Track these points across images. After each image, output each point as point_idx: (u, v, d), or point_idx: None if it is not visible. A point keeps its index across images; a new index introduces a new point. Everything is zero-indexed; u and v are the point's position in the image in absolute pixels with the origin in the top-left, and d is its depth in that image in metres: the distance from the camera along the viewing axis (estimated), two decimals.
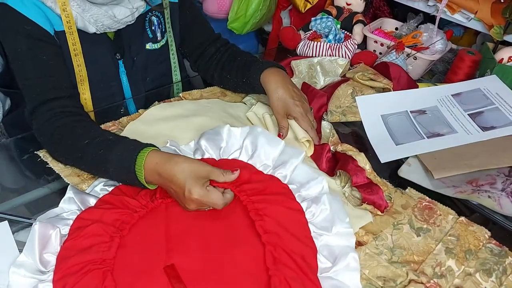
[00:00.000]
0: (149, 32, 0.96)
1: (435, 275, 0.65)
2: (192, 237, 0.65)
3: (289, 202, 0.70)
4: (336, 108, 1.00)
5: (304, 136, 0.86)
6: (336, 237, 0.67)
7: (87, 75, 0.88)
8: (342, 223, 0.68)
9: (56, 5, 0.80)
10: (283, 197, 0.70)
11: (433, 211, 0.75)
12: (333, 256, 0.65)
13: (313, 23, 1.25)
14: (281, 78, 0.89)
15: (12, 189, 0.76)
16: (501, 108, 0.96)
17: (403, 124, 0.95)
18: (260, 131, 0.79)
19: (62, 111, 0.78)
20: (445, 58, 1.24)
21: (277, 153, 0.77)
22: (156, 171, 0.67)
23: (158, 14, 0.96)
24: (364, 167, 0.79)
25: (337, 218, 0.68)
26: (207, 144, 0.79)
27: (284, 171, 0.75)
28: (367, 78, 1.05)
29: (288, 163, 0.76)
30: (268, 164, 0.76)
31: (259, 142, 0.77)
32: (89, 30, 0.84)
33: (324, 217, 0.69)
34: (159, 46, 0.99)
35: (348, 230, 0.68)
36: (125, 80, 0.96)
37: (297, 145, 0.87)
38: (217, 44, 1.03)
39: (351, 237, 0.67)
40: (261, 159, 0.76)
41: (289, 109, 0.87)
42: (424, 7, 1.22)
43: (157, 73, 1.02)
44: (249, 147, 0.78)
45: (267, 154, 0.76)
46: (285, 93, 0.87)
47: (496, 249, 0.69)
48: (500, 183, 0.79)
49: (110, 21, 0.84)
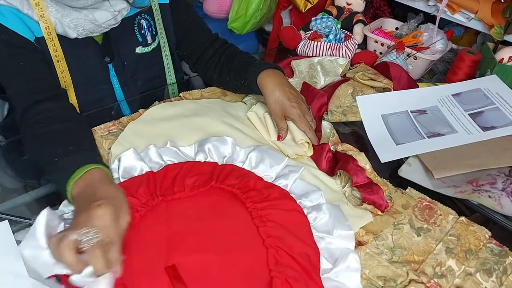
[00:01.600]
0: (139, 36, 0.95)
1: (436, 275, 0.65)
2: (193, 237, 0.65)
3: (291, 204, 0.70)
4: (337, 108, 0.99)
5: (302, 138, 0.86)
6: (337, 239, 0.67)
7: (71, 81, 0.87)
8: (343, 226, 0.68)
9: (33, 12, 0.78)
10: (286, 200, 0.70)
11: (433, 211, 0.75)
12: (334, 258, 0.65)
13: (314, 23, 1.25)
14: (278, 80, 0.88)
15: (12, 189, 0.76)
16: (502, 108, 0.96)
17: (404, 124, 0.95)
18: (265, 148, 0.80)
19: (45, 116, 0.76)
20: (446, 58, 1.24)
21: (281, 167, 0.77)
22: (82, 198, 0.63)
23: (147, 17, 0.95)
24: (364, 167, 0.79)
25: (337, 222, 0.69)
26: (212, 149, 0.79)
27: (285, 182, 0.75)
28: (367, 78, 1.05)
29: (289, 175, 0.76)
30: (271, 176, 0.76)
31: (264, 156, 0.78)
32: (69, 35, 0.83)
33: (325, 222, 0.69)
34: (150, 49, 0.97)
35: (349, 232, 0.68)
36: (116, 83, 0.95)
37: (296, 146, 0.87)
38: (215, 45, 1.02)
39: (352, 240, 0.68)
40: (264, 170, 0.77)
41: (286, 111, 0.87)
42: (425, 7, 1.22)
43: (149, 76, 1.01)
44: (253, 159, 0.78)
45: (271, 167, 0.77)
46: (282, 95, 0.87)
47: (496, 249, 0.69)
48: (500, 183, 0.79)
49: (91, 25, 0.82)
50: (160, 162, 0.78)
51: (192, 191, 0.71)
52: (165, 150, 0.80)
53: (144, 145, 0.81)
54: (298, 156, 0.86)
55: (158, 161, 0.78)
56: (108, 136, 0.86)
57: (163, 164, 0.77)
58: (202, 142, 0.82)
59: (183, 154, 0.81)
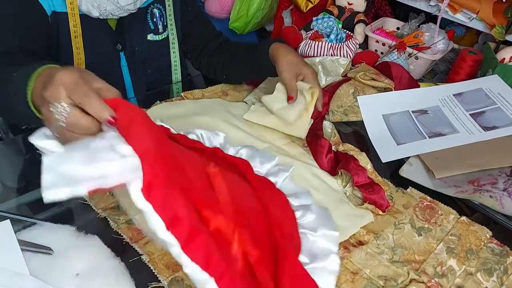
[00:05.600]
0: (151, 23, 0.97)
1: (436, 274, 0.65)
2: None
3: (282, 195, 0.70)
4: (338, 108, 1.00)
5: (311, 86, 0.87)
6: (320, 239, 0.65)
7: (84, 60, 0.88)
8: (329, 226, 0.67)
9: None
10: (276, 190, 0.71)
11: (434, 211, 0.75)
12: (312, 254, 0.62)
13: (315, 23, 1.25)
14: (290, 49, 0.91)
15: (14, 188, 0.76)
16: (503, 108, 0.95)
17: (405, 124, 0.95)
18: (256, 148, 0.79)
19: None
20: (447, 58, 1.24)
21: (271, 165, 0.76)
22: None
23: (159, 7, 0.98)
24: (365, 166, 0.79)
25: (323, 223, 0.67)
26: (205, 136, 0.77)
27: (274, 179, 0.73)
28: (368, 78, 1.05)
29: (279, 173, 0.74)
30: (261, 172, 0.75)
31: (255, 154, 0.77)
32: (92, 14, 0.84)
33: (312, 220, 0.67)
34: (161, 39, 1.00)
35: (333, 233, 0.66)
36: (126, 71, 0.97)
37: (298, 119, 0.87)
38: (218, 40, 1.04)
39: (335, 242, 0.65)
40: (254, 166, 0.74)
41: (300, 69, 0.88)
42: (426, 6, 1.22)
43: (158, 66, 1.02)
44: (244, 155, 0.77)
45: (262, 164, 0.75)
46: (296, 57, 0.89)
47: (497, 249, 0.69)
48: (501, 183, 0.79)
49: (112, 7, 0.84)
50: None
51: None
52: None
53: None
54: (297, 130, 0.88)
55: None
56: None
57: None
58: (193, 129, 0.78)
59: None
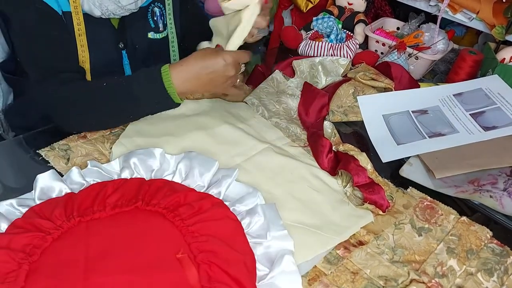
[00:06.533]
0: (151, 22, 0.98)
1: (437, 274, 0.65)
2: (114, 257, 0.60)
3: (224, 212, 0.67)
4: (338, 108, 1.00)
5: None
6: (272, 242, 0.65)
7: (89, 57, 0.89)
8: (277, 227, 0.66)
9: None
10: (218, 209, 0.67)
11: (434, 211, 0.75)
12: (270, 261, 0.62)
13: (315, 23, 1.25)
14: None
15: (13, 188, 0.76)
16: (503, 108, 0.95)
17: (405, 124, 0.95)
18: (194, 154, 0.77)
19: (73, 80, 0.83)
20: (447, 58, 1.24)
21: (211, 174, 0.74)
22: (186, 74, 0.77)
23: (160, 6, 0.99)
24: (365, 166, 0.79)
25: (271, 224, 0.66)
26: (138, 163, 0.75)
27: (217, 189, 0.72)
28: (368, 78, 1.05)
29: (222, 181, 0.73)
30: (202, 185, 0.73)
31: (193, 164, 0.75)
32: (94, 13, 0.86)
33: (260, 225, 0.67)
34: (161, 37, 1.00)
35: (282, 232, 0.65)
36: (128, 70, 0.97)
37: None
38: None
39: (287, 239, 0.65)
40: (194, 180, 0.74)
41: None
42: (426, 7, 1.22)
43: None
44: (182, 170, 0.75)
45: (201, 175, 0.74)
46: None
47: (497, 249, 0.69)
48: (501, 183, 0.79)
49: (114, 6, 0.86)
50: (82, 182, 0.72)
51: (114, 210, 0.66)
52: (87, 171, 0.75)
53: (145, 145, 0.81)
54: None
55: (80, 181, 0.73)
56: (109, 136, 0.86)
57: (85, 184, 0.72)
58: (127, 156, 0.77)
59: (107, 173, 0.75)
